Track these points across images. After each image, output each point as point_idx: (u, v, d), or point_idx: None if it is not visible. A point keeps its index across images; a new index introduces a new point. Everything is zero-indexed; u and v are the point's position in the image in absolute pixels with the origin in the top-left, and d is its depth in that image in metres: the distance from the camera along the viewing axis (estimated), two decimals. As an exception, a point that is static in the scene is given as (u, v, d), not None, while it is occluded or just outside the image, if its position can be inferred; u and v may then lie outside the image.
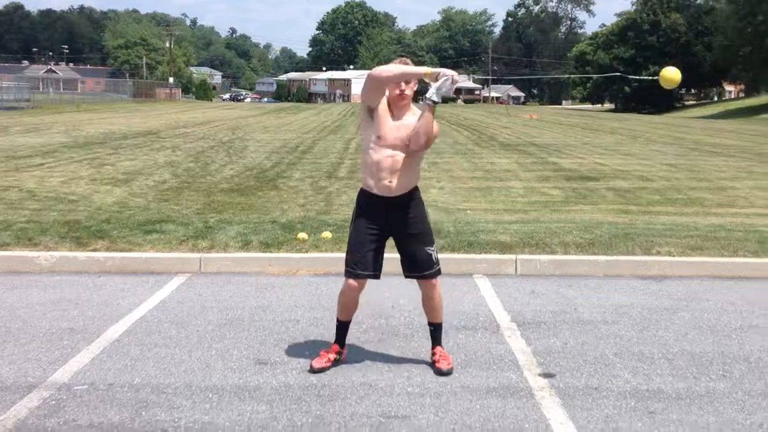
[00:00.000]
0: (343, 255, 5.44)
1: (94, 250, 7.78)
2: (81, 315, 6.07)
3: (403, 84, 4.69)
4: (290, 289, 6.97)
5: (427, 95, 4.63)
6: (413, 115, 4.78)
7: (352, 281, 4.88)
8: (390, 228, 4.88)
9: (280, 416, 4.22)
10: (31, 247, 7.84)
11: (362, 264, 4.85)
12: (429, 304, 5.05)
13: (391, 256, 6.49)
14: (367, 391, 4.59)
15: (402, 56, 4.93)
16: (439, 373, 4.86)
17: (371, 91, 4.73)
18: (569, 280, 7.42)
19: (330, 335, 5.48)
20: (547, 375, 4.90)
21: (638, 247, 8.16)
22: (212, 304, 6.41)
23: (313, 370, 4.85)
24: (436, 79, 4.62)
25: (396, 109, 4.78)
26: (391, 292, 6.64)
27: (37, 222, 9.01)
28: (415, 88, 4.79)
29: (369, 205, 4.87)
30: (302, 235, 8.31)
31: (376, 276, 4.93)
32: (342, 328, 5.08)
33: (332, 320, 5.87)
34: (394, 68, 4.67)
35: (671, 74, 5.05)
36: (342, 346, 5.06)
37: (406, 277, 5.02)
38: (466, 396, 4.53)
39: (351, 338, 5.48)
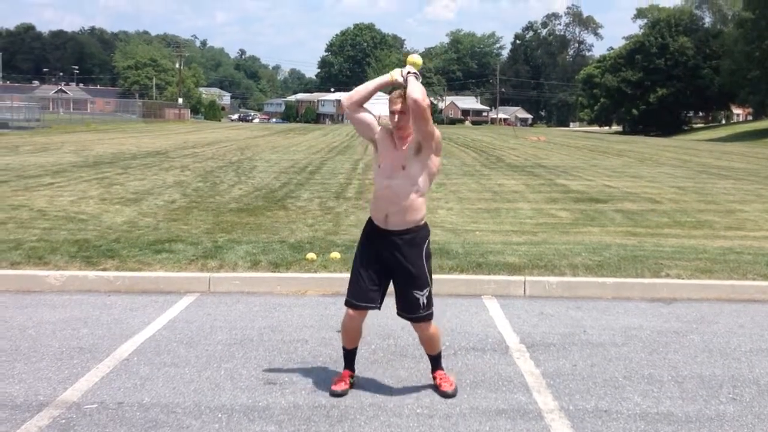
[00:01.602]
0: None
1: (104, 269, 7.81)
2: (91, 334, 6.09)
3: (396, 117, 4.59)
4: (299, 309, 6.98)
5: (405, 72, 4.66)
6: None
7: (350, 311, 4.83)
8: (386, 262, 4.75)
9: (289, 436, 4.22)
10: (41, 266, 7.87)
11: (360, 294, 4.77)
12: (423, 342, 5.01)
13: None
14: (376, 411, 4.58)
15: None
16: (444, 395, 4.84)
17: (353, 122, 4.73)
18: (578, 302, 7.40)
19: (339, 355, 5.48)
20: (556, 397, 4.88)
21: (647, 269, 8.14)
22: (221, 324, 6.42)
23: (334, 394, 4.81)
24: (401, 72, 4.69)
25: (398, 138, 4.68)
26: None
27: (47, 241, 9.05)
28: (407, 116, 4.61)
29: (370, 234, 4.82)
30: (311, 256, 8.33)
31: (376, 307, 4.83)
32: (348, 355, 5.05)
33: (340, 341, 5.90)
34: (360, 87, 4.71)
35: None
36: (352, 371, 5.03)
37: (397, 314, 4.91)
38: (475, 417, 4.52)
39: (360, 359, 5.49)
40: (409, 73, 4.66)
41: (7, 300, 7.10)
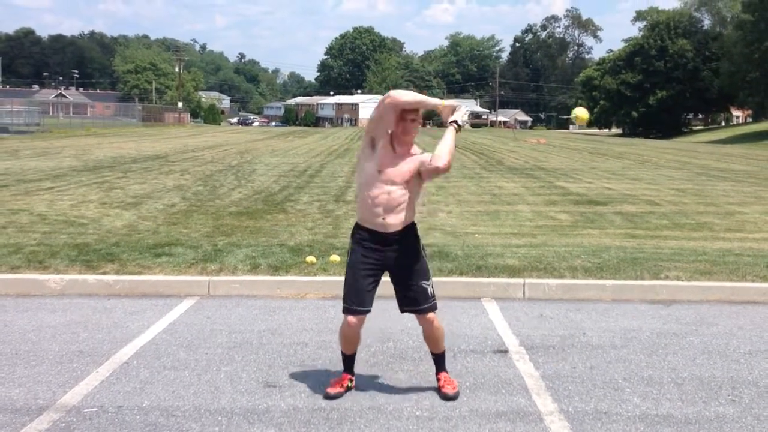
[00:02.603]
0: None
1: (104, 273, 7.82)
2: (90, 338, 6.10)
3: (408, 117, 4.61)
4: (298, 312, 6.99)
5: (454, 118, 4.67)
6: (414, 152, 4.69)
7: (350, 318, 4.79)
8: (385, 263, 4.79)
9: (288, 439, 4.22)
10: (41, 270, 7.88)
11: (359, 300, 4.76)
12: (429, 337, 4.99)
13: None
14: (376, 414, 4.59)
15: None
16: (446, 398, 4.84)
17: (384, 115, 4.61)
18: (577, 305, 7.41)
19: (338, 358, 5.49)
20: (555, 399, 4.88)
21: (646, 271, 8.15)
22: (221, 327, 6.43)
23: (328, 396, 4.82)
24: (453, 111, 4.70)
25: (399, 144, 4.68)
26: (399, 316, 6.63)
27: (47, 245, 9.06)
28: (418, 122, 4.68)
29: (364, 239, 4.79)
30: (311, 259, 8.34)
31: (370, 310, 4.83)
32: (348, 360, 5.05)
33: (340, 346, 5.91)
34: (412, 93, 4.63)
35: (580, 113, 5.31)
36: (352, 375, 5.03)
37: (402, 311, 4.94)
38: (474, 420, 4.52)
39: (359, 361, 5.49)
40: (454, 122, 4.70)
41: (7, 304, 7.11)
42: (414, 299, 4.83)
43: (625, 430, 4.41)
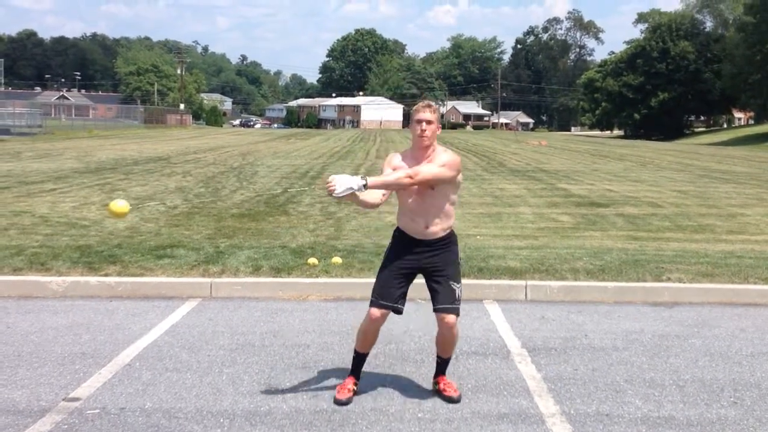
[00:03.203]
0: (354, 280, 5.40)
1: (106, 275, 7.82)
2: (93, 339, 6.10)
3: (424, 124, 4.70)
4: (300, 314, 6.99)
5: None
6: (438, 156, 4.74)
7: (374, 310, 4.83)
8: (419, 265, 4.88)
9: (290, 441, 4.23)
10: (43, 272, 7.88)
11: (387, 295, 4.84)
12: (443, 341, 4.97)
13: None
14: (378, 416, 4.59)
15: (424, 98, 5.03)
16: (450, 400, 4.85)
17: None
18: (579, 306, 7.41)
19: (340, 360, 5.51)
20: (557, 401, 4.88)
21: (648, 273, 8.14)
22: (223, 329, 6.43)
23: (339, 402, 4.77)
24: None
25: (417, 148, 4.80)
26: (402, 318, 6.64)
27: (50, 247, 9.06)
28: (437, 130, 4.76)
29: (401, 242, 4.94)
30: (313, 261, 8.34)
31: (399, 310, 4.88)
32: (359, 360, 5.02)
33: (342, 345, 5.92)
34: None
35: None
36: (358, 378, 4.99)
37: (434, 309, 4.90)
38: (476, 422, 4.52)
39: (361, 363, 5.50)
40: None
41: (9, 306, 7.12)
42: (444, 297, 4.85)
43: (627, 432, 4.40)
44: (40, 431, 4.30)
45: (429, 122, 4.71)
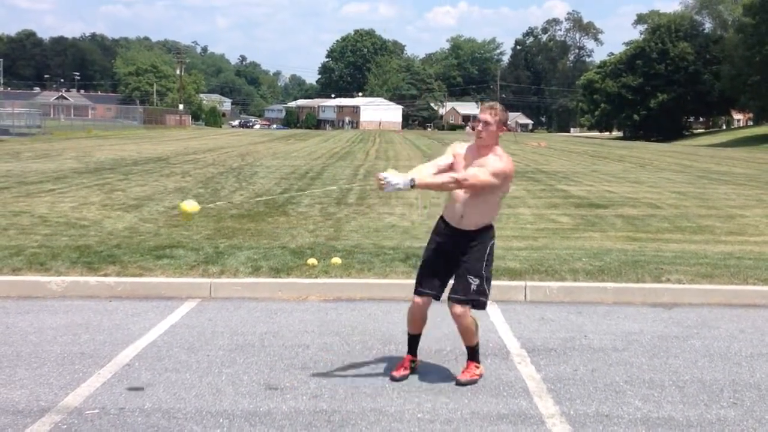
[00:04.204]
0: (353, 281, 5.50)
1: (105, 275, 7.82)
2: (92, 339, 6.10)
3: (481, 125, 4.94)
4: (300, 314, 6.98)
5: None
6: (495, 156, 4.94)
7: (416, 298, 5.20)
8: (452, 253, 5.13)
9: (290, 441, 4.22)
10: (42, 272, 7.88)
11: (427, 283, 5.17)
12: (457, 329, 5.25)
13: (398, 282, 6.56)
14: (378, 416, 4.59)
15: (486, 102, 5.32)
16: (457, 382, 5.14)
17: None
18: (579, 307, 7.41)
19: (340, 361, 5.54)
20: (557, 402, 4.88)
21: (648, 274, 8.14)
22: (222, 329, 6.43)
23: (393, 379, 5.16)
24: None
25: (478, 148, 5.01)
26: (400, 319, 6.64)
27: (49, 247, 9.06)
28: (496, 131, 4.95)
29: (441, 229, 5.21)
30: (312, 261, 8.33)
31: (437, 296, 5.20)
32: (412, 340, 5.38)
33: (342, 345, 5.98)
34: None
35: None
36: (414, 355, 5.37)
37: (449, 298, 5.17)
38: (476, 422, 4.52)
39: (361, 364, 5.52)
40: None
41: (8, 306, 7.11)
42: (453, 288, 5.13)
43: (627, 433, 4.40)
44: (39, 431, 4.30)
45: (486, 123, 4.93)
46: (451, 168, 5.03)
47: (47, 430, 4.32)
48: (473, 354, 5.30)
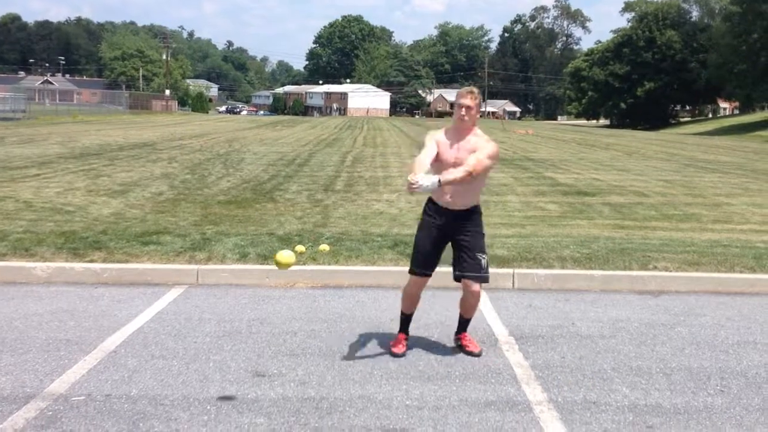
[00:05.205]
0: (341, 267, 5.55)
1: (91, 261, 7.76)
2: (77, 326, 6.05)
3: (464, 110, 5.21)
4: (288, 301, 6.96)
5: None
6: (475, 137, 5.26)
7: (413, 278, 5.47)
8: (448, 233, 5.37)
9: (278, 428, 4.21)
10: (27, 257, 7.81)
11: (422, 263, 5.42)
12: (467, 305, 5.55)
13: (386, 269, 6.54)
14: (366, 403, 4.58)
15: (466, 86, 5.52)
16: (472, 354, 5.48)
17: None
18: (566, 295, 7.42)
19: (327, 348, 5.53)
20: (545, 389, 4.89)
21: (635, 262, 8.17)
22: (210, 316, 6.40)
23: (396, 355, 5.41)
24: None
25: (456, 131, 5.28)
26: (388, 306, 6.64)
27: (34, 233, 8.99)
28: (476, 114, 5.26)
29: (432, 212, 5.42)
30: (300, 248, 8.27)
31: (428, 275, 5.46)
32: (405, 319, 5.64)
33: (330, 332, 5.98)
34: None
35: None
36: (407, 334, 5.63)
37: (455, 278, 5.44)
38: (464, 409, 4.52)
39: (349, 351, 5.51)
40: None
41: (-7, 292, 7.05)
42: (468, 266, 5.34)
43: (614, 420, 4.42)
44: (24, 418, 4.26)
45: (469, 108, 5.22)
46: (438, 156, 5.24)
47: (33, 416, 4.29)
48: (467, 325, 5.67)
